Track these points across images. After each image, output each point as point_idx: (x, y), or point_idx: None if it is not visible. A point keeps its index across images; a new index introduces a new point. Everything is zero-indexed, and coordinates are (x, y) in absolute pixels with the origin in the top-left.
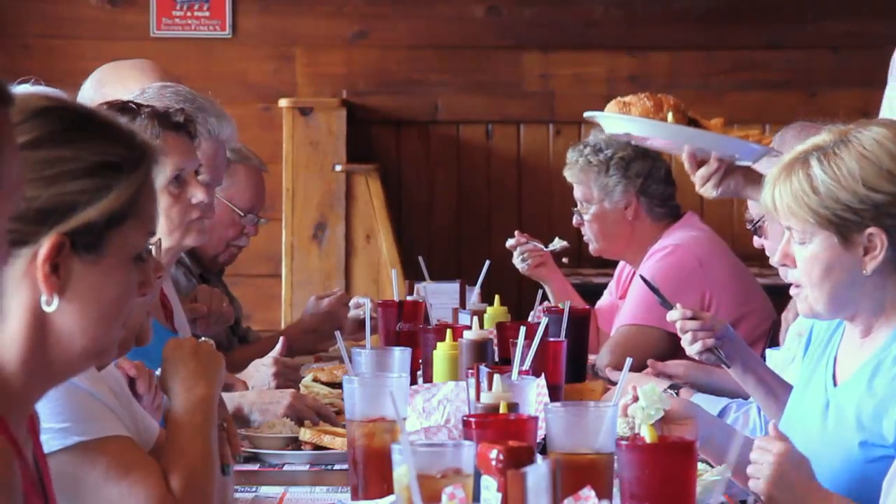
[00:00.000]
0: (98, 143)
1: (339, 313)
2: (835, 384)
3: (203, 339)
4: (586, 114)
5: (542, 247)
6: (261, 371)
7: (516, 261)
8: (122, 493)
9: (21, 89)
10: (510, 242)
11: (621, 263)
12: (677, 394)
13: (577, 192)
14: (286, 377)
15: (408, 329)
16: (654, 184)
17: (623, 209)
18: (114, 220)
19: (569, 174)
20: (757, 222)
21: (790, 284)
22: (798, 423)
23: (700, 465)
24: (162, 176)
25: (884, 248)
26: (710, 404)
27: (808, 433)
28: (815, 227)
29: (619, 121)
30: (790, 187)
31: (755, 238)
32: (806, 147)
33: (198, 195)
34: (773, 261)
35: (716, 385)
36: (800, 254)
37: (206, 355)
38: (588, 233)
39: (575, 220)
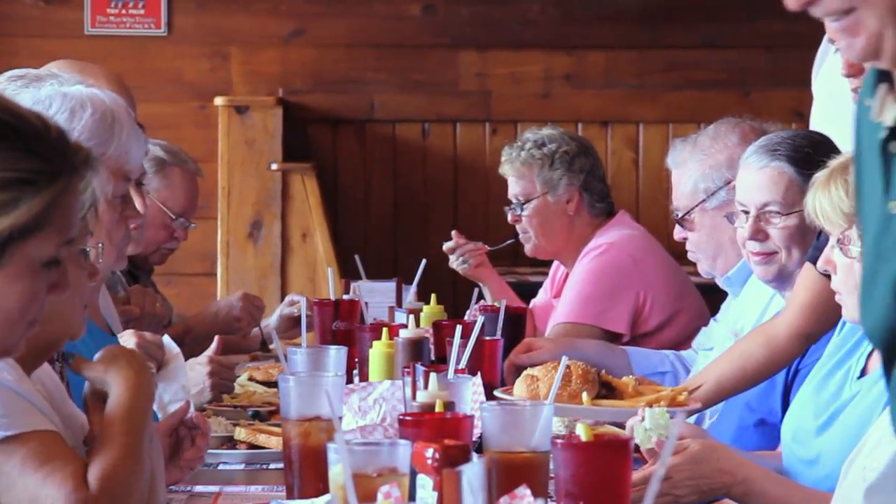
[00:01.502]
0: (13, 156)
1: (245, 311)
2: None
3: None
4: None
5: (486, 245)
6: (195, 370)
7: (455, 263)
8: (35, 484)
9: None
10: (447, 245)
11: (556, 263)
12: None
13: (517, 187)
14: (221, 376)
15: (344, 328)
16: (594, 180)
17: (565, 203)
18: (17, 234)
19: (509, 169)
20: (684, 214)
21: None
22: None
23: None
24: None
25: None
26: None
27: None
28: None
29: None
30: (829, 195)
31: (677, 229)
32: (847, 157)
33: (138, 205)
34: (818, 266)
35: (584, 357)
36: (839, 260)
37: (143, 361)
38: (527, 229)
39: (511, 217)
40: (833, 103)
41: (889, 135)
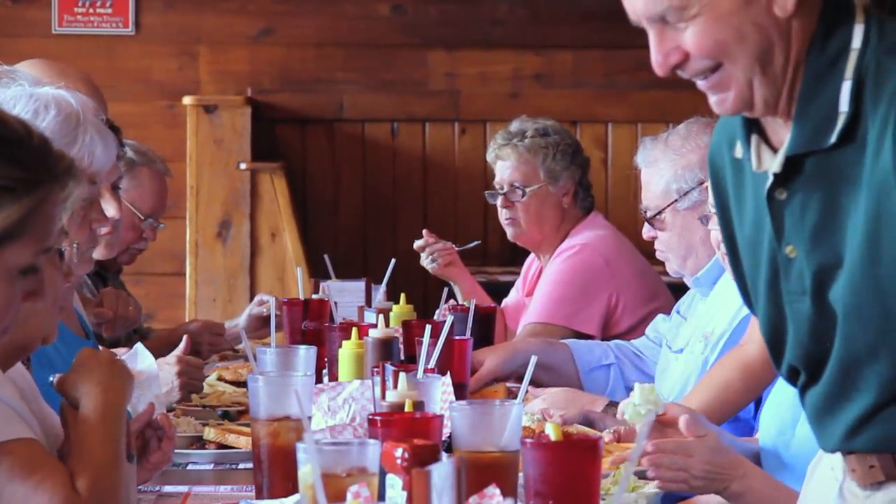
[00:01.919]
0: None
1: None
2: None
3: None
4: None
5: (453, 245)
6: (164, 370)
7: (425, 261)
8: (26, 493)
9: None
10: (418, 244)
11: (528, 261)
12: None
13: (517, 174)
14: (190, 375)
15: (313, 328)
16: (587, 176)
17: (562, 196)
18: None
19: (510, 152)
20: (656, 213)
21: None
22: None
23: (637, 479)
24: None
25: None
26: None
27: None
28: None
29: None
30: None
31: (646, 228)
32: None
33: (111, 210)
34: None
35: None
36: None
37: (120, 366)
38: (519, 215)
39: (503, 201)
40: None
41: (773, 182)
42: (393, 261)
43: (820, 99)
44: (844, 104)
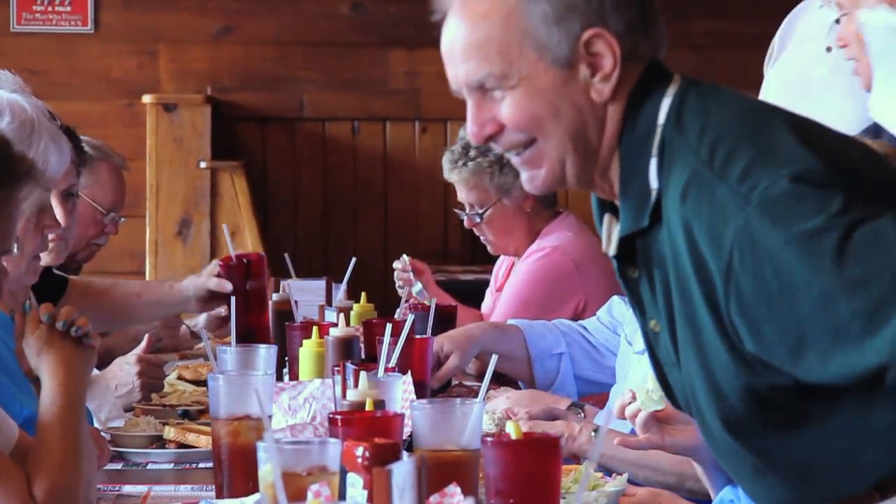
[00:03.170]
0: None
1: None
2: None
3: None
4: None
5: (413, 288)
6: (124, 369)
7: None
8: None
9: None
10: (397, 265)
11: (499, 261)
12: (583, 414)
13: (470, 196)
14: (150, 375)
15: (256, 286)
16: None
17: (521, 202)
18: None
19: (457, 178)
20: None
21: None
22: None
23: (599, 478)
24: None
25: None
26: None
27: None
28: None
29: None
30: None
31: (465, 222)
32: None
33: (60, 216)
34: None
35: (483, 345)
36: None
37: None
38: (486, 233)
39: (467, 223)
40: (792, 91)
41: (619, 263)
42: (354, 259)
43: (638, 178)
44: (654, 181)
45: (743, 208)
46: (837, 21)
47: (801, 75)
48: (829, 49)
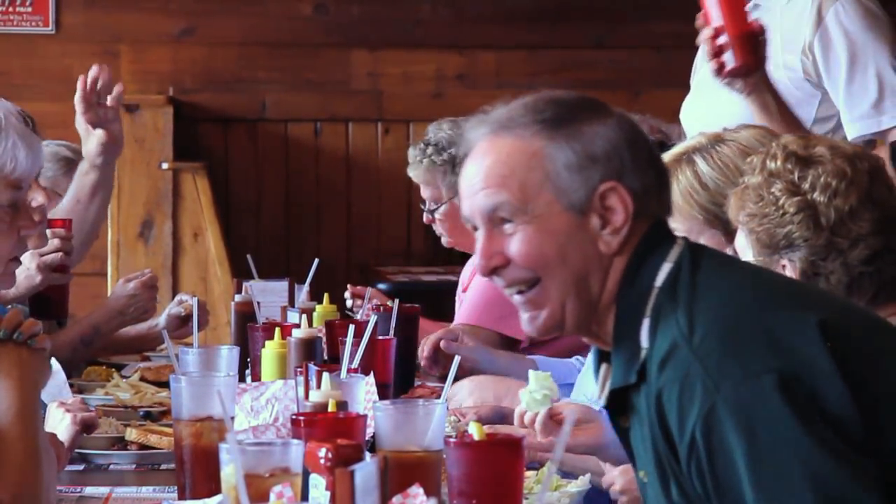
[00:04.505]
0: None
1: (145, 296)
2: None
3: (21, 335)
4: None
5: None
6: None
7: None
8: None
9: None
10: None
11: (467, 263)
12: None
13: (426, 192)
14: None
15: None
16: None
17: None
18: None
19: (414, 174)
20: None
21: None
22: None
23: (561, 479)
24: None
25: None
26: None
27: None
28: (703, 224)
29: None
30: (677, 186)
31: (426, 218)
32: (685, 148)
33: (39, 199)
34: None
35: (495, 367)
36: None
37: (29, 357)
38: (440, 229)
39: (425, 218)
40: (693, 93)
41: (611, 412)
42: (316, 261)
43: (630, 335)
44: (644, 341)
45: (711, 394)
46: None
47: (701, 76)
48: None
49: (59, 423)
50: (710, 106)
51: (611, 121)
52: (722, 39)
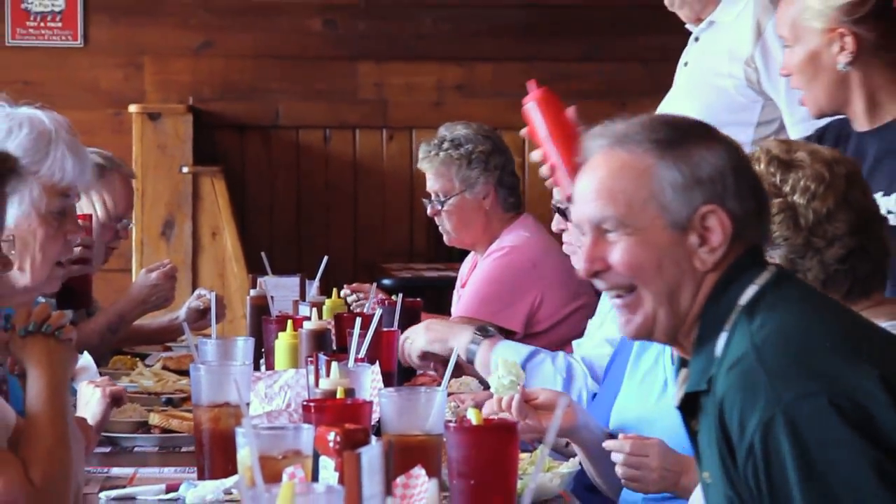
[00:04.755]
0: None
1: (166, 286)
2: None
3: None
4: None
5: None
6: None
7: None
8: None
9: None
10: (345, 291)
11: (466, 259)
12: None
13: (436, 185)
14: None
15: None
16: (507, 175)
17: (482, 199)
18: None
19: (428, 167)
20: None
21: None
22: (635, 399)
23: (553, 460)
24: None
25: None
26: (515, 352)
27: (646, 405)
28: None
29: None
30: None
31: (557, 220)
32: None
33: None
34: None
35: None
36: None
37: (56, 345)
38: (445, 222)
39: (430, 210)
40: (665, 102)
41: (683, 414)
42: (325, 258)
43: (708, 346)
44: (719, 351)
45: (773, 405)
46: (697, 39)
47: (676, 86)
48: (686, 64)
49: (90, 397)
50: (684, 110)
51: (719, 147)
52: (560, 172)
